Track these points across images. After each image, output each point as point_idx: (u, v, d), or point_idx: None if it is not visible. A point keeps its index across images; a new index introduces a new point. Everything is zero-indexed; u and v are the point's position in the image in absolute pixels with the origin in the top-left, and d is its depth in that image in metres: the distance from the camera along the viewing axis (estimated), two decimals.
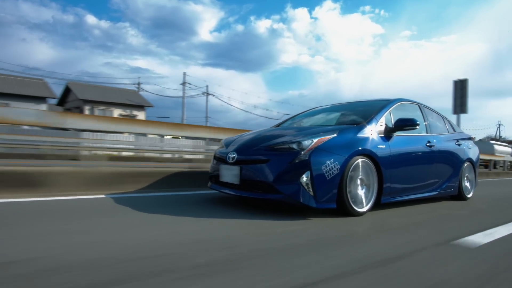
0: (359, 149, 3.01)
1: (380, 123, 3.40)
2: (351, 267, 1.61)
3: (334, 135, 3.00)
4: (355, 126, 3.28)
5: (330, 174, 2.78)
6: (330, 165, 2.78)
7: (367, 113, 3.58)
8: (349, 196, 2.90)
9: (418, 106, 4.25)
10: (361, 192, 3.05)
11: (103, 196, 3.44)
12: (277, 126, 4.41)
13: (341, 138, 3.01)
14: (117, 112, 25.88)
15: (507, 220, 3.09)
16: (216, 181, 3.33)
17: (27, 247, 1.73)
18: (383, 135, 3.34)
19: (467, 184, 4.71)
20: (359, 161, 3.01)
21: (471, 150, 4.84)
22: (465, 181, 4.66)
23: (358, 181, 3.03)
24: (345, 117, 4.01)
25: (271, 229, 2.39)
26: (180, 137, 8.49)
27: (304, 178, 2.73)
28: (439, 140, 4.17)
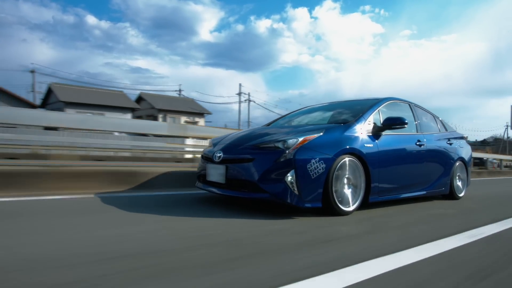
0: (345, 148, 2.99)
1: (368, 122, 3.38)
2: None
3: (320, 133, 2.98)
4: (342, 125, 3.27)
5: (315, 173, 2.76)
6: (315, 164, 2.76)
7: (356, 112, 3.57)
8: (335, 195, 2.88)
9: (408, 105, 4.24)
10: (348, 191, 3.03)
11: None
12: (267, 125, 4.40)
13: (327, 137, 2.99)
14: (183, 119, 28.95)
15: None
16: (203, 181, 3.31)
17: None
18: (371, 134, 3.32)
19: (459, 183, 4.69)
20: (346, 160, 3.00)
21: (463, 149, 4.82)
22: (457, 180, 4.64)
23: (344, 180, 3.01)
24: (335, 116, 3.99)
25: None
26: None
27: (289, 177, 2.71)
28: (430, 139, 4.15)
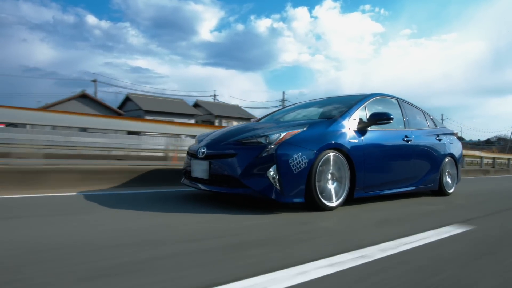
0: (329, 143, 2.98)
1: (353, 117, 3.37)
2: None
3: (303, 129, 2.97)
4: (326, 120, 3.26)
5: (297, 168, 2.75)
6: (297, 159, 2.76)
7: (343, 108, 3.56)
8: (319, 190, 2.87)
9: (397, 101, 4.23)
10: (332, 186, 3.02)
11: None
12: (257, 121, 4.39)
13: (310, 132, 2.98)
14: (235, 123, 31.83)
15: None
16: (188, 177, 3.31)
17: None
18: (356, 130, 3.31)
19: (449, 179, 4.69)
20: (331, 155, 2.99)
21: (452, 145, 4.82)
22: (446, 177, 4.64)
23: (328, 176, 3.00)
24: (324, 111, 3.98)
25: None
26: None
27: (271, 172, 2.70)
28: (418, 135, 4.15)
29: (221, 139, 3.12)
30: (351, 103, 3.59)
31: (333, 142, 3.02)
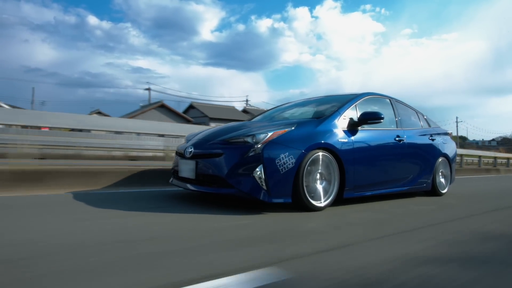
0: (317, 142, 2.95)
1: (343, 116, 3.33)
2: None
3: (291, 128, 2.94)
4: (315, 119, 3.23)
5: (284, 168, 2.72)
6: (284, 159, 2.72)
7: (335, 107, 3.52)
8: (307, 190, 2.84)
9: (389, 100, 4.20)
10: (320, 186, 2.99)
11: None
12: (249, 120, 4.35)
13: (298, 131, 2.95)
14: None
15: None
16: (176, 177, 3.27)
17: None
18: (346, 129, 3.28)
19: (442, 179, 4.65)
20: (319, 154, 2.95)
21: (446, 145, 4.78)
22: (440, 177, 4.60)
23: (317, 175, 2.97)
24: (317, 111, 3.94)
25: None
26: None
27: (257, 172, 2.67)
28: (410, 134, 4.11)
29: (209, 139, 3.09)
30: (341, 103, 3.55)
31: (322, 141, 2.99)
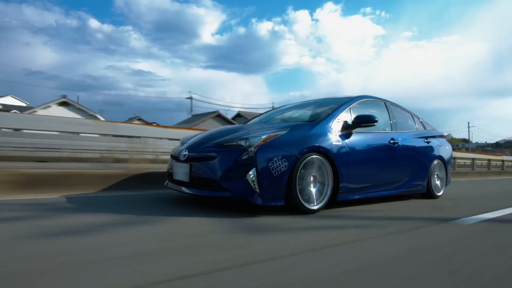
0: (311, 145, 2.96)
1: (337, 119, 3.35)
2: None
3: (284, 131, 2.95)
4: (309, 122, 3.25)
5: (277, 171, 2.73)
6: (277, 162, 2.74)
7: (329, 110, 3.53)
8: (300, 193, 2.85)
9: (384, 103, 4.22)
10: (314, 189, 3.00)
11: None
12: (245, 123, 4.37)
13: (291, 135, 2.96)
14: None
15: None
16: (171, 180, 3.29)
17: None
18: (340, 132, 3.30)
19: (437, 182, 4.66)
20: (313, 157, 2.97)
21: (441, 148, 4.79)
22: (435, 179, 4.62)
23: (310, 179, 2.98)
24: (313, 113, 3.95)
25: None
26: None
27: (250, 175, 2.68)
28: (405, 137, 4.13)
29: (203, 142, 3.11)
30: (335, 106, 3.57)
31: (315, 145, 3.00)
